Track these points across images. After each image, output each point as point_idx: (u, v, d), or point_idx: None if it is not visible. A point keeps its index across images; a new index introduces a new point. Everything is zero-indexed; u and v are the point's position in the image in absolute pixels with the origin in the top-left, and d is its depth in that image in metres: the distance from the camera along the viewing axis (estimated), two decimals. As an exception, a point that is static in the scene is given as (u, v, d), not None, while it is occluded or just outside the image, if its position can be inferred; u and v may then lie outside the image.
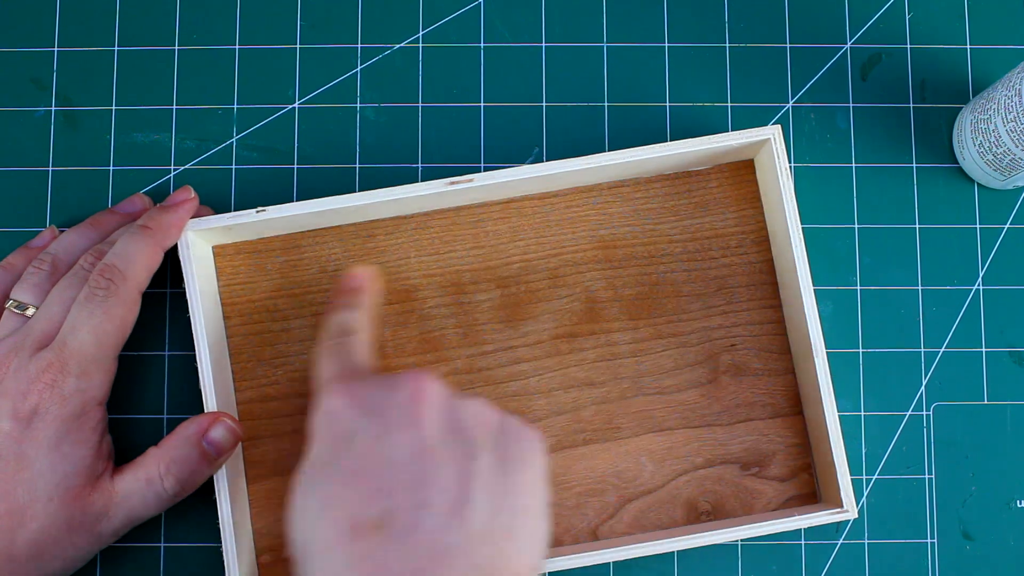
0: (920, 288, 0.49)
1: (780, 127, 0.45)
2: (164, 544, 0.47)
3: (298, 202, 0.44)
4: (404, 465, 0.35)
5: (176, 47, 0.50)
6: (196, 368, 0.44)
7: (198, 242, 0.45)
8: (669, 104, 0.50)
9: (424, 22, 0.50)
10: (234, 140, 0.49)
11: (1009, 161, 0.46)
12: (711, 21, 0.50)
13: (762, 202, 0.48)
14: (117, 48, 0.50)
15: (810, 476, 0.47)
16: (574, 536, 0.46)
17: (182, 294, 0.44)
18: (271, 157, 0.49)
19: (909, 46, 0.50)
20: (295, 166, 0.49)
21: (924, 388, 0.48)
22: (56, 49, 0.50)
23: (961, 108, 0.49)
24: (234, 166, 0.49)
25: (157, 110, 0.49)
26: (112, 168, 0.49)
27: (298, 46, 0.50)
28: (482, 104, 0.50)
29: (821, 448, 0.45)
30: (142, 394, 0.48)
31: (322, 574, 0.34)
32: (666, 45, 0.50)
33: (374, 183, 0.49)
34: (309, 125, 0.49)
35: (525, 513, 0.36)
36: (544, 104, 0.50)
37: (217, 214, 0.45)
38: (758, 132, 0.45)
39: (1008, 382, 0.48)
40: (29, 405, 0.40)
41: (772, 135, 0.45)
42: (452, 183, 0.44)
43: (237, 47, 0.50)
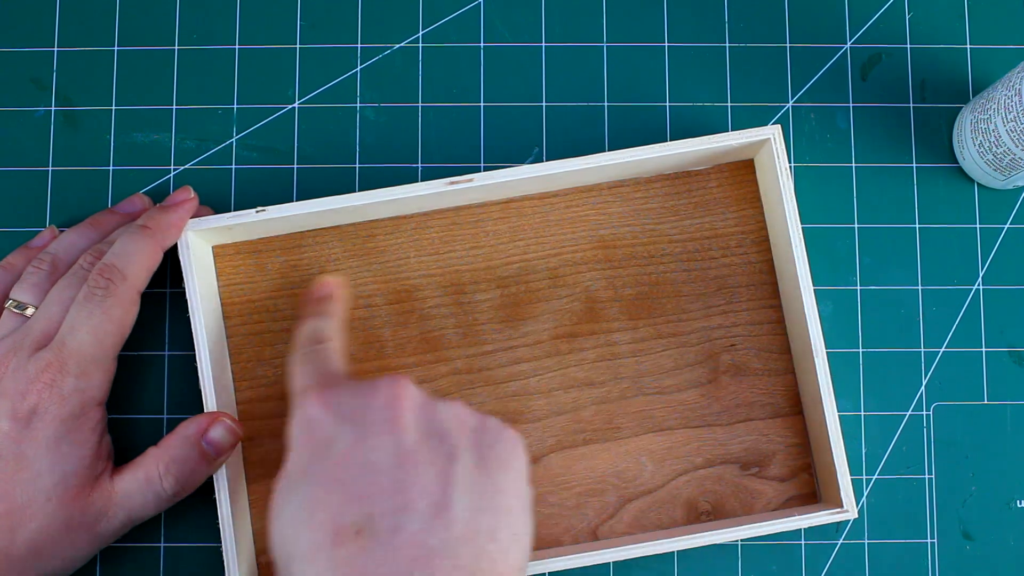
0: (920, 288, 0.49)
1: (780, 127, 0.45)
2: (164, 544, 0.47)
3: (298, 202, 0.44)
4: (384, 469, 0.35)
5: (176, 47, 0.50)
6: (196, 368, 0.44)
7: (198, 242, 0.45)
8: (669, 104, 0.50)
9: (424, 22, 0.50)
10: (234, 140, 0.49)
11: (1009, 161, 0.46)
12: (711, 21, 0.50)
13: (762, 202, 0.48)
14: (117, 48, 0.50)
15: (810, 476, 0.47)
16: (574, 536, 0.46)
17: (182, 294, 0.44)
18: (271, 157, 0.49)
19: (909, 46, 0.50)
20: (295, 166, 0.49)
21: (924, 388, 0.48)
22: (56, 49, 0.50)
23: (961, 108, 0.49)
24: (234, 166, 0.49)
25: (157, 110, 0.49)
26: (112, 168, 0.49)
27: (298, 46, 0.50)
28: (482, 104, 0.50)
29: (821, 448, 0.45)
30: (142, 394, 0.48)
31: None
32: (666, 45, 0.50)
33: (374, 183, 0.49)
34: (309, 125, 0.49)
35: (507, 513, 0.36)
36: (544, 104, 0.50)
37: (217, 214, 0.45)
38: (758, 132, 0.45)
39: (1008, 382, 0.48)
40: (28, 405, 0.40)
41: (772, 135, 0.45)
42: (452, 183, 0.44)
43: (237, 47, 0.50)
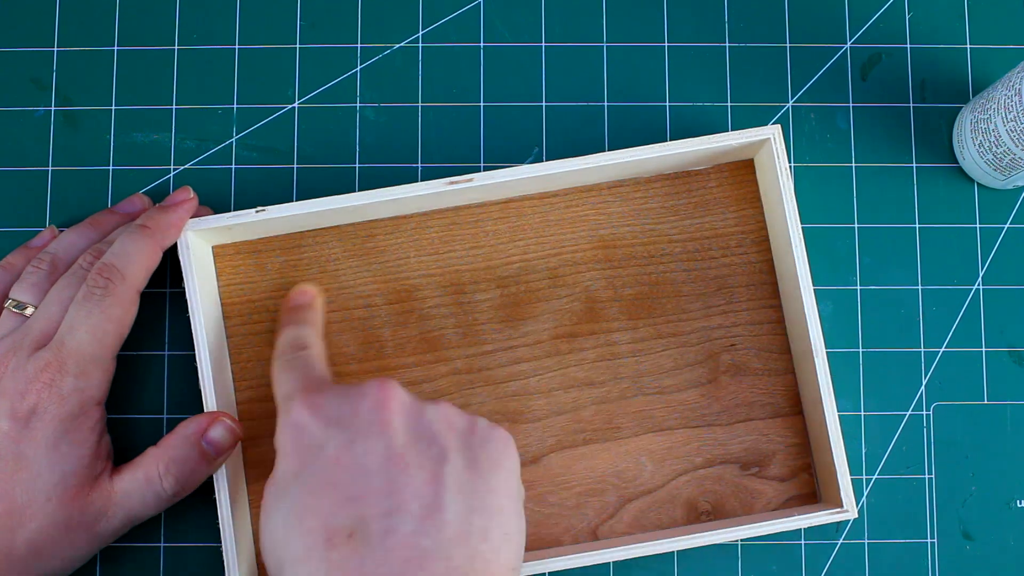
0: (920, 288, 0.49)
1: (780, 127, 0.45)
2: (164, 544, 0.47)
3: (298, 202, 0.44)
4: (375, 472, 0.35)
5: (176, 47, 0.50)
6: (196, 368, 0.44)
7: (198, 242, 0.45)
8: (669, 104, 0.50)
9: (424, 22, 0.50)
10: (234, 140, 0.49)
11: (1009, 161, 0.45)
12: (711, 21, 0.50)
13: (762, 202, 0.48)
14: (117, 48, 0.50)
15: (810, 476, 0.47)
16: (574, 536, 0.46)
17: (182, 294, 0.44)
18: (271, 157, 0.49)
19: (909, 46, 0.50)
20: (295, 166, 0.49)
21: (924, 388, 0.48)
22: (56, 49, 0.50)
23: (961, 108, 0.49)
24: (234, 166, 0.49)
25: (157, 110, 0.49)
26: (112, 168, 0.49)
27: (298, 46, 0.50)
28: (482, 104, 0.50)
29: (821, 448, 0.45)
30: (141, 394, 0.48)
31: None
32: (666, 45, 0.50)
33: (374, 183, 0.49)
34: (309, 125, 0.49)
35: (499, 513, 0.35)
36: (544, 104, 0.50)
37: (217, 214, 0.45)
38: (758, 132, 0.45)
39: (1008, 382, 0.48)
40: (27, 405, 0.40)
41: (772, 135, 0.45)
42: (452, 183, 0.44)
43: (237, 47, 0.50)
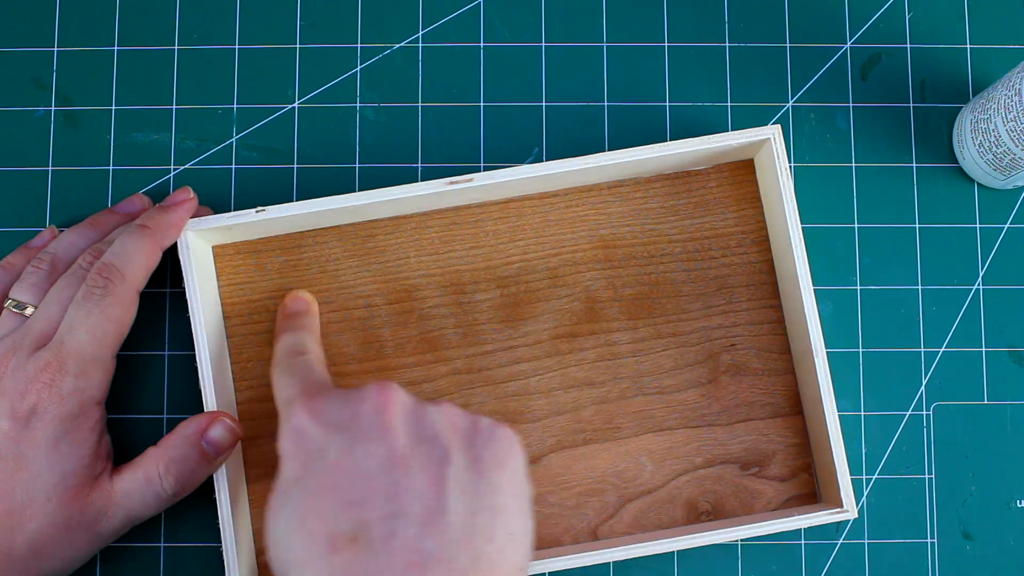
0: (920, 288, 0.49)
1: (780, 127, 0.45)
2: (164, 544, 0.47)
3: (298, 202, 0.44)
4: (377, 475, 0.35)
5: (176, 47, 0.50)
6: (196, 368, 0.44)
7: (198, 242, 0.45)
8: (669, 104, 0.50)
9: (424, 22, 0.50)
10: (234, 140, 0.49)
11: (1009, 161, 0.45)
12: (711, 21, 0.50)
13: (762, 202, 0.48)
14: (117, 48, 0.50)
15: (810, 476, 0.47)
16: (574, 536, 0.46)
17: (182, 294, 0.44)
18: (271, 157, 0.49)
19: (909, 46, 0.50)
20: (295, 166, 0.49)
21: (924, 388, 0.48)
22: (56, 49, 0.50)
23: (961, 108, 0.49)
24: (234, 166, 0.49)
25: (157, 110, 0.49)
26: (112, 168, 0.49)
27: (298, 46, 0.50)
28: (482, 104, 0.50)
29: (821, 448, 0.45)
30: (141, 394, 0.48)
31: None
32: (666, 45, 0.50)
33: (374, 183, 0.49)
34: (309, 125, 0.49)
35: (503, 513, 0.35)
36: (544, 104, 0.50)
37: (217, 214, 0.45)
38: (758, 132, 0.45)
39: (1008, 382, 0.48)
40: (27, 405, 0.40)
41: (772, 135, 0.45)
42: (451, 183, 0.44)
43: (237, 47, 0.50)
